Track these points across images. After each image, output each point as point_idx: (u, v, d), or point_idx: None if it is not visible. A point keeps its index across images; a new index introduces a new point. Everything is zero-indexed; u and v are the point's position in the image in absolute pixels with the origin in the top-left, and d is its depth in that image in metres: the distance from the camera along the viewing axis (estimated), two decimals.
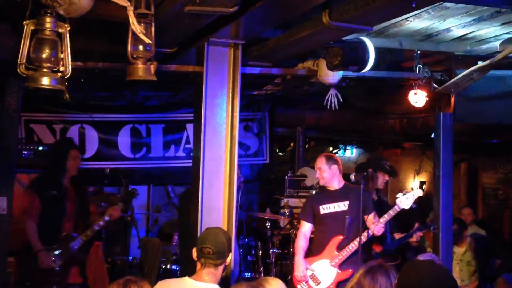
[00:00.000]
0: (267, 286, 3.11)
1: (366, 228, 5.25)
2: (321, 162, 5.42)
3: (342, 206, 5.36)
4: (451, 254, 6.08)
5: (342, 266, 5.27)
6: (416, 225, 5.73)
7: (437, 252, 5.82)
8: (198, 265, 3.47)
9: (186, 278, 3.45)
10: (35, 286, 5.21)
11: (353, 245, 5.20)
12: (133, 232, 6.33)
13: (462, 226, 6.80)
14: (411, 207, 5.31)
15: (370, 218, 5.37)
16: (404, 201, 5.21)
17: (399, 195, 5.26)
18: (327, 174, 5.37)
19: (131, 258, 6.57)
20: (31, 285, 5.20)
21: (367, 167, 6.04)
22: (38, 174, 5.84)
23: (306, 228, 5.45)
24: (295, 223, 6.75)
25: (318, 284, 5.25)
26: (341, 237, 5.28)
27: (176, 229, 6.98)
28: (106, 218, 5.36)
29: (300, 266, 5.29)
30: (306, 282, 5.28)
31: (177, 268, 6.44)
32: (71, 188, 5.56)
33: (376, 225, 5.19)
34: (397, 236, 5.84)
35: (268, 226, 7.01)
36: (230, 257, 3.57)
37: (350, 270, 5.23)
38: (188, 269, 3.82)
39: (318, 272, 5.28)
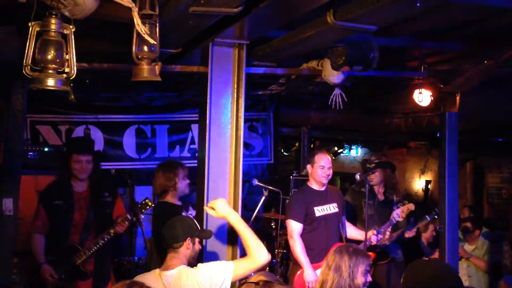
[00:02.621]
0: None
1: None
2: (330, 161, 5.39)
3: (333, 208, 5.33)
4: (457, 253, 6.06)
5: None
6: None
7: (443, 250, 5.82)
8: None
9: (156, 270, 3.65)
10: None
11: None
12: (138, 233, 6.33)
13: (475, 224, 6.82)
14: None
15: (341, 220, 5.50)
16: (400, 214, 5.64)
17: (395, 207, 5.70)
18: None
19: (137, 258, 6.58)
20: None
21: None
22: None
23: (300, 229, 5.25)
24: None
25: None
26: (340, 243, 5.24)
27: None
28: (111, 232, 5.04)
29: (313, 276, 5.05)
30: None
31: None
32: (86, 194, 5.19)
33: (380, 237, 5.49)
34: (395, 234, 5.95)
35: (273, 226, 7.02)
36: (196, 241, 3.75)
37: None
38: None
39: None
